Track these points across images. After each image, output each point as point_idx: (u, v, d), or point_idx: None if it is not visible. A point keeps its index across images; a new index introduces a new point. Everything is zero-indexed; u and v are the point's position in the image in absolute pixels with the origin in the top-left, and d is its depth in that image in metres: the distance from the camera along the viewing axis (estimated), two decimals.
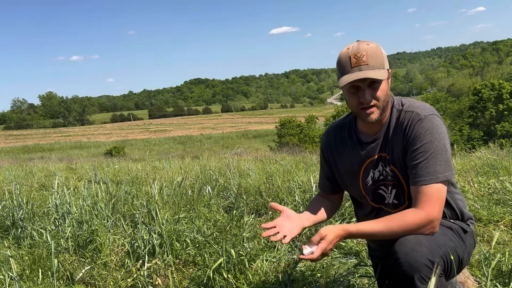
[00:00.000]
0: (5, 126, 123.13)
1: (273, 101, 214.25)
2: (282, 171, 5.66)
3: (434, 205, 1.63)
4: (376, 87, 1.70)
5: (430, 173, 1.64)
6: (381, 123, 1.81)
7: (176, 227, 3.31)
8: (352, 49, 1.71)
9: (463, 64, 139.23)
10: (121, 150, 38.77)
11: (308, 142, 38.35)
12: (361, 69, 1.67)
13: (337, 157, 1.98)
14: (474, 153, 6.88)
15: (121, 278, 2.86)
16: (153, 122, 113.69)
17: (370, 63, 1.67)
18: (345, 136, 1.95)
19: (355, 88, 1.72)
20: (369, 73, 1.65)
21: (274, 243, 3.30)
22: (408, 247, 1.55)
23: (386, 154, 1.81)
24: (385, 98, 1.73)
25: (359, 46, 1.70)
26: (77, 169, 10.13)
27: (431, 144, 1.66)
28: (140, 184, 5.64)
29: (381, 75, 1.67)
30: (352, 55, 1.69)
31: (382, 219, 1.70)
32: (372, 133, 1.85)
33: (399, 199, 1.83)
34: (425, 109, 1.73)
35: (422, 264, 1.50)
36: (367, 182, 1.89)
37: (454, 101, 55.71)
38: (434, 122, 1.69)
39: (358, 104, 1.73)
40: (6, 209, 4.27)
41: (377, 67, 1.67)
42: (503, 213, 3.50)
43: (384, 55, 1.73)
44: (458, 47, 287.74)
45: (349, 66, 1.69)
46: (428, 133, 1.67)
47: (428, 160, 1.65)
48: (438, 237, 1.65)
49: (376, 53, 1.69)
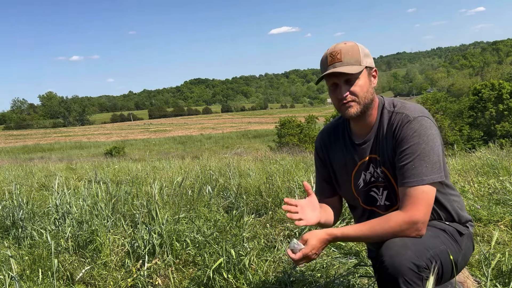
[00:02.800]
0: (5, 126, 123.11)
1: (273, 101, 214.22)
2: (282, 171, 5.66)
3: (418, 207, 1.62)
4: (352, 83, 1.73)
5: (415, 175, 1.64)
6: (372, 124, 1.82)
7: (176, 227, 3.31)
8: (329, 49, 1.78)
9: (463, 64, 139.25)
10: (121, 150, 38.75)
11: (308, 142, 38.31)
12: (335, 66, 1.72)
13: (331, 157, 1.99)
14: (474, 153, 6.88)
15: (121, 278, 2.87)
16: (153, 122, 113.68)
17: (344, 60, 1.72)
18: (338, 137, 1.96)
19: (334, 85, 1.77)
20: (340, 69, 1.70)
21: (274, 243, 3.30)
22: (393, 250, 1.56)
23: (376, 155, 1.81)
24: (364, 94, 1.75)
25: (336, 46, 1.77)
26: (77, 169, 10.14)
27: (418, 146, 1.66)
28: (140, 184, 5.64)
29: (353, 69, 1.70)
30: (329, 54, 1.76)
31: (367, 222, 1.71)
32: (363, 134, 1.86)
33: (390, 200, 1.83)
34: (415, 111, 1.73)
35: (406, 268, 1.50)
36: (359, 184, 1.89)
37: (454, 101, 55.69)
38: (423, 124, 1.69)
39: (338, 101, 1.77)
40: (6, 209, 4.27)
41: (351, 63, 1.72)
42: (503, 213, 3.50)
43: (364, 53, 1.76)
44: (458, 47, 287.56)
45: (326, 64, 1.76)
46: (415, 135, 1.67)
47: (414, 162, 1.65)
48: (427, 239, 1.64)
49: (352, 51, 1.74)
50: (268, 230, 3.56)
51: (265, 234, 3.48)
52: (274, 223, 3.77)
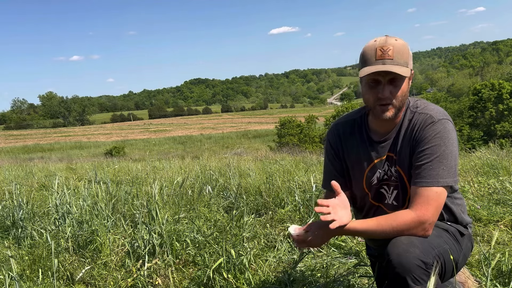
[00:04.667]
0: (5, 126, 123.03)
1: (273, 101, 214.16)
2: (282, 171, 5.66)
3: (428, 208, 1.62)
4: (396, 84, 1.67)
5: (432, 176, 1.63)
6: (394, 123, 1.79)
7: (176, 227, 3.31)
8: (379, 41, 1.68)
9: (463, 64, 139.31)
10: (121, 150, 38.77)
11: (308, 142, 38.34)
12: (385, 63, 1.64)
13: (346, 151, 1.95)
14: (474, 153, 6.87)
15: (121, 278, 2.87)
16: (153, 122, 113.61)
17: (395, 58, 1.64)
18: (355, 132, 1.92)
19: (375, 82, 1.69)
20: (393, 68, 1.62)
21: (274, 243, 3.30)
22: (400, 248, 1.56)
23: (394, 154, 1.80)
24: (402, 98, 1.70)
25: (387, 40, 1.67)
26: (77, 169, 10.12)
27: (438, 148, 1.65)
28: (140, 184, 5.64)
29: (404, 71, 1.64)
30: (379, 48, 1.66)
31: (375, 218, 1.70)
32: (383, 132, 1.82)
33: (398, 201, 1.83)
34: (439, 113, 1.71)
35: (415, 265, 1.51)
36: (372, 181, 1.87)
37: (454, 101, 55.70)
38: (446, 127, 1.68)
39: (376, 99, 1.70)
40: (6, 209, 4.27)
41: (401, 64, 1.65)
42: (503, 213, 3.50)
43: (410, 55, 1.71)
44: (458, 47, 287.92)
45: (373, 58, 1.66)
46: (438, 137, 1.66)
47: (432, 162, 1.64)
48: (432, 238, 1.65)
49: (403, 50, 1.66)
50: (268, 230, 3.56)
51: (265, 234, 3.48)
52: (274, 223, 3.76)
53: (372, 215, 1.87)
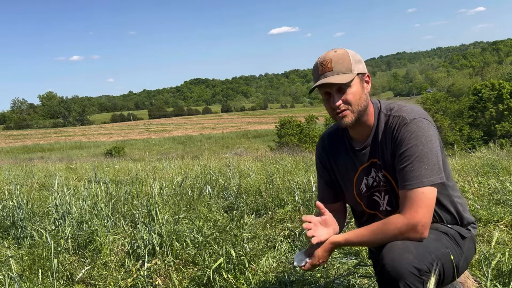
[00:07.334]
0: (5, 126, 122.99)
1: (273, 101, 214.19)
2: (282, 171, 5.66)
3: (417, 210, 1.61)
4: (344, 91, 1.72)
5: (415, 177, 1.63)
6: (369, 128, 1.82)
7: (176, 227, 3.31)
8: (320, 57, 1.77)
9: (463, 64, 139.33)
10: (121, 150, 38.77)
11: (308, 142, 38.31)
12: (326, 76, 1.71)
13: (333, 163, 1.98)
14: (474, 153, 6.87)
15: (121, 278, 2.86)
16: (153, 122, 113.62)
17: (335, 69, 1.71)
18: (339, 142, 1.96)
19: (327, 95, 1.76)
20: (331, 79, 1.69)
21: (274, 243, 3.30)
22: (395, 253, 1.55)
23: (377, 159, 1.81)
24: (358, 101, 1.74)
25: (326, 54, 1.76)
26: (77, 169, 10.12)
27: (416, 148, 1.65)
28: (140, 184, 5.64)
29: (344, 79, 1.69)
30: (319, 63, 1.75)
31: (368, 227, 1.71)
32: (361, 140, 1.85)
33: (391, 205, 1.83)
34: (412, 113, 1.72)
35: (408, 272, 1.50)
36: (361, 189, 1.89)
37: (454, 101, 55.70)
38: (420, 126, 1.68)
39: (332, 110, 1.77)
40: (6, 209, 4.27)
41: (342, 72, 1.71)
42: (503, 213, 3.50)
43: (354, 60, 1.74)
44: (458, 47, 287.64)
45: (317, 74, 1.76)
46: (413, 137, 1.66)
47: (413, 164, 1.64)
48: (429, 242, 1.64)
49: (342, 59, 1.72)
50: (268, 230, 3.56)
51: (265, 234, 3.48)
52: (274, 223, 3.77)
53: (370, 223, 1.87)
